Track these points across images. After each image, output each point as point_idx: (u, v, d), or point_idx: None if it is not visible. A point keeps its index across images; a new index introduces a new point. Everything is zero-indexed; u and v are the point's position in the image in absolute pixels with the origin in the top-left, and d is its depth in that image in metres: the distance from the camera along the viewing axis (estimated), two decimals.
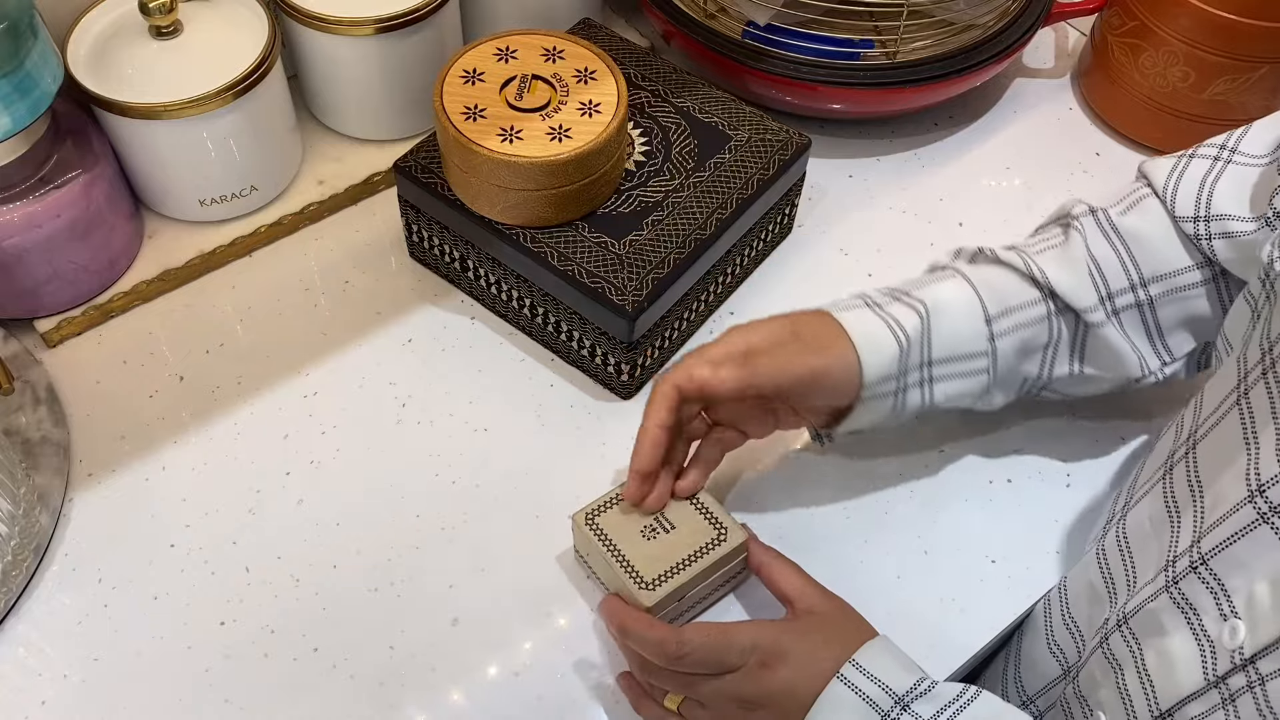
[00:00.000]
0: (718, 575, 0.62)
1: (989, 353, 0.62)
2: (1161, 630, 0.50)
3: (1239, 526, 0.46)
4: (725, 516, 0.62)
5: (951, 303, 0.62)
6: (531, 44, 0.70)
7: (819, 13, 0.81)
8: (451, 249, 0.74)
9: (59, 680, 0.61)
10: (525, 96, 0.68)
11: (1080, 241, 0.63)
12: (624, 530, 0.61)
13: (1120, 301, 0.62)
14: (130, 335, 0.75)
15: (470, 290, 0.77)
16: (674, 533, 0.61)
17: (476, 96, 0.67)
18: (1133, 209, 0.63)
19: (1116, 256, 0.62)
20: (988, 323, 0.62)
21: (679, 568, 0.60)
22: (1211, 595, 0.47)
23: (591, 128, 0.66)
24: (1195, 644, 0.48)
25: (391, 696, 0.61)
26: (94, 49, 0.72)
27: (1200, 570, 0.48)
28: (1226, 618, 0.46)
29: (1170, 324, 0.63)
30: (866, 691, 0.53)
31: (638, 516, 0.61)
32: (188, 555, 0.66)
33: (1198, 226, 0.60)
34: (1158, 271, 0.62)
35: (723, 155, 0.73)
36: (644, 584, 0.59)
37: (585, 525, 0.61)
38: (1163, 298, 0.62)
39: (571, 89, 0.68)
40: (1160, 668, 0.50)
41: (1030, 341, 0.63)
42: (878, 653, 0.54)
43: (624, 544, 0.61)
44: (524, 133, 0.66)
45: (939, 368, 0.62)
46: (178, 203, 0.77)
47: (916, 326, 0.61)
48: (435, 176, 0.71)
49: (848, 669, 0.53)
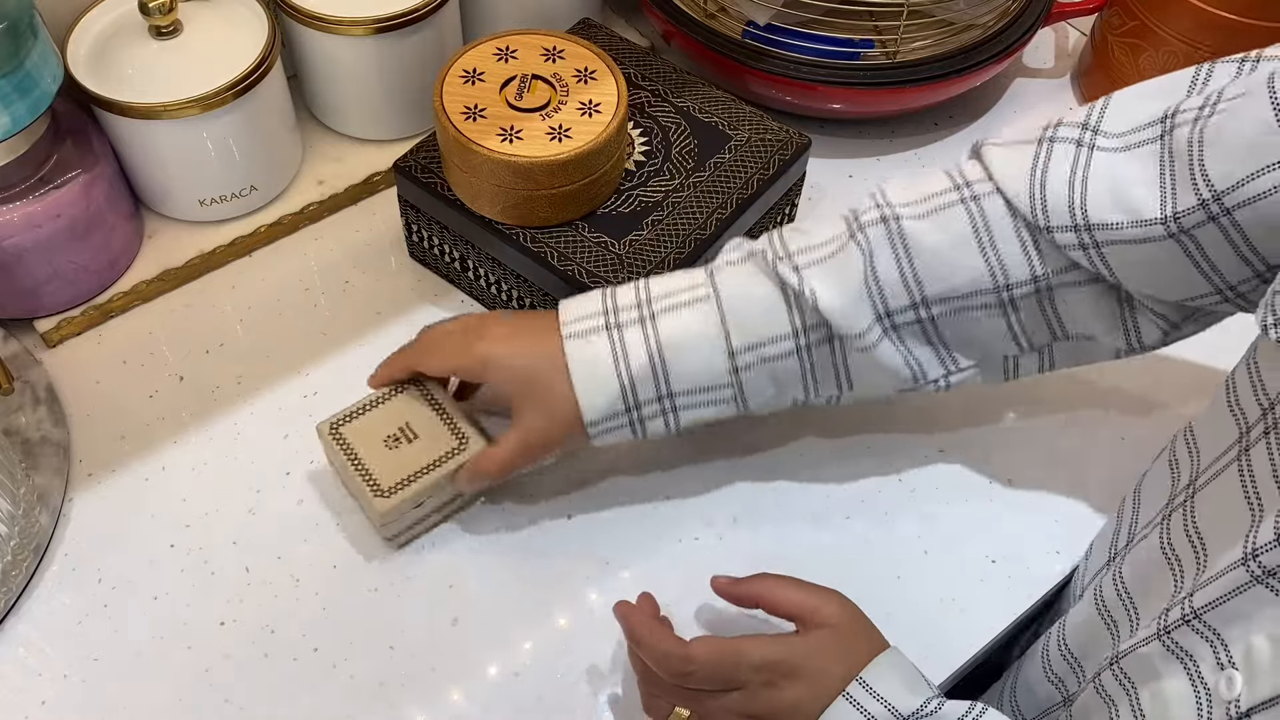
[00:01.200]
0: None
1: (733, 384, 0.60)
2: (1156, 674, 0.49)
3: (1234, 585, 0.45)
4: (468, 426, 0.64)
5: (690, 338, 0.59)
6: (531, 44, 0.70)
7: (819, 12, 0.81)
8: (451, 249, 0.74)
9: (59, 680, 0.61)
10: (525, 96, 0.68)
11: (860, 258, 0.58)
12: (367, 440, 0.63)
13: (900, 319, 0.59)
14: (130, 335, 0.75)
15: (470, 290, 0.77)
16: (416, 442, 0.63)
17: (476, 96, 0.67)
18: (931, 216, 0.58)
19: (899, 272, 0.58)
20: (730, 356, 0.60)
21: (416, 475, 0.62)
22: (1209, 645, 0.47)
23: (591, 128, 0.66)
24: (1191, 690, 0.47)
25: (391, 696, 0.61)
26: (94, 49, 0.72)
27: (1194, 623, 0.47)
28: (1224, 667, 0.46)
29: (957, 339, 0.60)
30: (872, 712, 0.52)
31: (383, 426, 0.64)
32: (188, 555, 0.66)
33: (1080, 236, 0.54)
34: (947, 292, 0.58)
35: (723, 155, 0.73)
36: (380, 491, 0.62)
37: (329, 435, 0.64)
38: (947, 316, 0.59)
39: (571, 89, 0.68)
40: (1155, 709, 0.49)
41: (782, 373, 0.60)
42: (885, 670, 0.53)
43: (365, 453, 0.63)
44: (524, 133, 0.66)
45: (681, 399, 0.60)
46: (178, 203, 0.77)
47: (644, 366, 0.59)
48: (435, 176, 0.71)
49: (854, 688, 0.52)
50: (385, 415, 0.65)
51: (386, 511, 0.62)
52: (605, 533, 0.67)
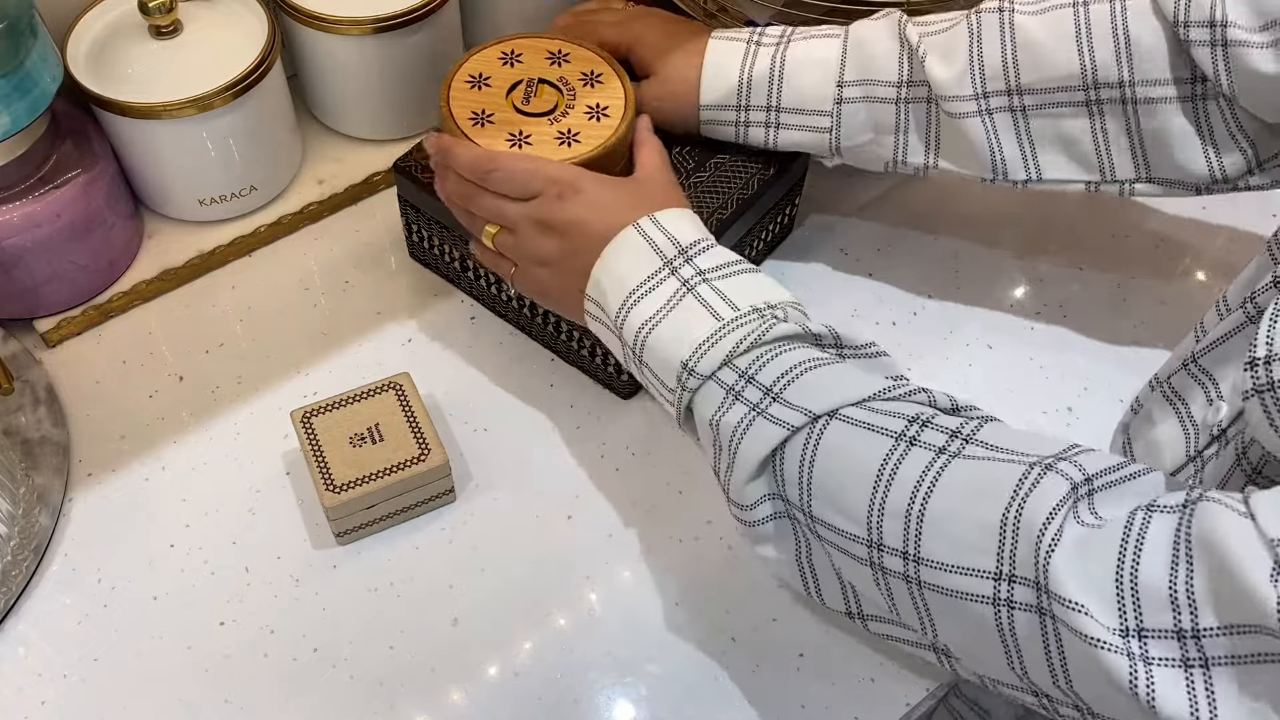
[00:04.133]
0: (415, 492, 0.65)
1: (833, 114, 0.67)
2: (1151, 423, 0.53)
3: (1232, 327, 0.50)
4: (435, 440, 0.65)
5: (809, 61, 0.67)
6: (536, 47, 0.70)
7: (819, 12, 0.81)
8: (451, 249, 0.74)
9: (59, 680, 0.61)
10: (532, 101, 0.67)
11: (967, 35, 0.64)
12: (334, 434, 0.65)
13: (994, 103, 0.64)
14: (130, 335, 0.75)
15: (470, 290, 0.77)
16: (380, 445, 0.65)
17: (484, 101, 0.67)
18: (1042, 14, 0.63)
19: (1001, 56, 0.64)
20: (839, 86, 0.67)
21: (371, 478, 0.63)
22: (1200, 387, 0.51)
23: (600, 131, 0.66)
24: (1180, 429, 0.51)
25: (391, 696, 0.61)
26: (93, 49, 0.72)
27: (1190, 367, 0.51)
28: (1212, 402, 0.50)
29: (1043, 139, 0.65)
30: (655, 240, 0.58)
31: (353, 424, 0.65)
32: (188, 555, 0.66)
33: (1213, 33, 0.59)
34: (1038, 82, 0.63)
35: (723, 155, 0.73)
36: (332, 487, 0.63)
37: (300, 424, 0.65)
38: (1036, 109, 0.64)
39: (578, 92, 0.68)
40: (1146, 455, 0.53)
41: (880, 116, 0.67)
42: (679, 216, 0.59)
43: (329, 447, 0.64)
44: (533, 138, 0.66)
45: (785, 114, 0.68)
46: (177, 203, 0.77)
47: (764, 73, 0.67)
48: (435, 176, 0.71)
49: (644, 220, 0.59)
50: (358, 413, 0.66)
51: (333, 507, 0.63)
52: (605, 533, 0.67)
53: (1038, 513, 0.43)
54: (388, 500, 0.65)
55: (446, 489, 0.67)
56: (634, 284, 0.57)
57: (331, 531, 0.66)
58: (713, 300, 0.56)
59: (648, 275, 0.57)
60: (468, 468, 0.69)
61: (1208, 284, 0.81)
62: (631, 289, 0.57)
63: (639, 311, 0.57)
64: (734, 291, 0.56)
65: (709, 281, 0.56)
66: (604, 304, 0.59)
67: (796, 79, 0.67)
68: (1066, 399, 0.73)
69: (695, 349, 0.54)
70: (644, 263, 0.58)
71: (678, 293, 0.56)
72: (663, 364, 0.56)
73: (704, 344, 0.54)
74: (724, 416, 0.53)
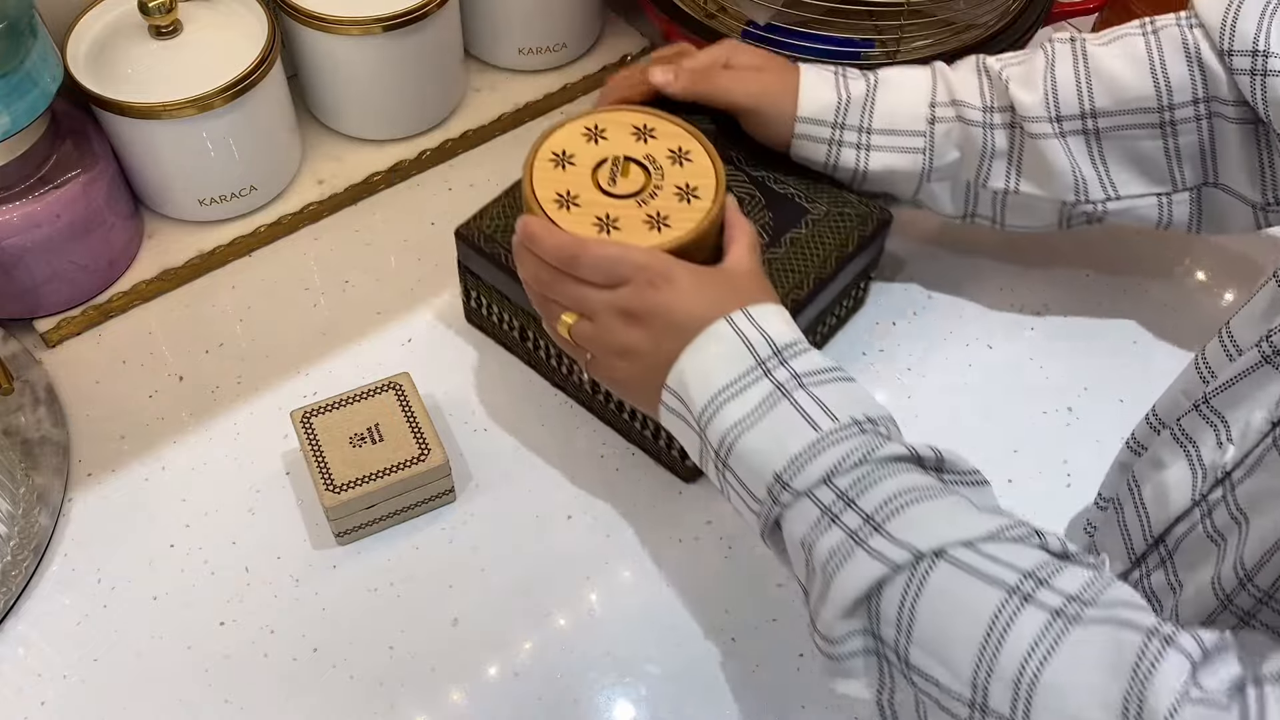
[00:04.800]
0: (415, 492, 0.65)
1: (926, 134, 0.68)
2: (1160, 465, 0.52)
3: (1246, 366, 0.49)
4: (435, 440, 0.65)
5: (902, 81, 0.68)
6: (621, 122, 0.65)
7: (819, 12, 0.81)
8: (511, 318, 0.72)
9: (59, 680, 0.61)
10: (619, 181, 0.63)
11: (1043, 61, 0.66)
12: (334, 434, 0.65)
13: (1069, 125, 0.66)
14: (130, 335, 0.75)
15: (528, 359, 0.74)
16: (380, 445, 0.65)
17: (568, 182, 0.62)
18: (1113, 43, 0.66)
19: (1075, 80, 0.65)
20: (931, 106, 0.67)
21: (371, 477, 0.63)
22: (1211, 428, 0.50)
23: (691, 215, 0.61)
24: (1189, 471, 0.50)
25: (391, 696, 0.61)
26: (93, 49, 0.72)
27: (1202, 408, 0.50)
28: (1222, 445, 0.49)
29: (1116, 158, 0.67)
30: (749, 336, 0.54)
31: (353, 424, 0.65)
32: (188, 555, 0.66)
33: (1254, 61, 0.60)
34: (1112, 105, 0.65)
35: (799, 230, 0.69)
36: (332, 487, 0.63)
37: (299, 424, 0.65)
38: (1111, 131, 0.66)
39: (667, 171, 0.63)
40: (1155, 498, 0.52)
41: (967, 139, 0.68)
42: (772, 312, 0.56)
43: (329, 447, 0.64)
44: (620, 221, 0.61)
45: (877, 136, 0.68)
46: (177, 202, 0.77)
47: (861, 91, 0.68)
48: (499, 246, 0.68)
49: (736, 313, 0.55)
50: (358, 413, 0.66)
51: (333, 507, 0.63)
52: (605, 533, 0.67)
53: (1161, 697, 0.41)
54: (388, 500, 0.65)
55: (446, 489, 0.67)
56: (723, 382, 0.54)
57: (331, 531, 0.66)
58: (810, 408, 0.52)
59: (739, 374, 0.54)
60: (468, 468, 0.69)
61: (1209, 285, 0.81)
62: (720, 387, 0.54)
63: (728, 413, 0.53)
64: (832, 400, 0.52)
65: (805, 387, 0.53)
66: (686, 399, 0.55)
67: (890, 99, 0.68)
68: (1067, 399, 0.73)
69: (791, 461, 0.51)
70: (735, 360, 0.54)
71: (771, 396, 0.53)
72: (752, 473, 0.52)
73: (801, 456, 0.50)
74: (819, 540, 0.49)
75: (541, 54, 0.88)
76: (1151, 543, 0.53)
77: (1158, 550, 0.52)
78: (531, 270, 0.60)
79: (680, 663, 0.63)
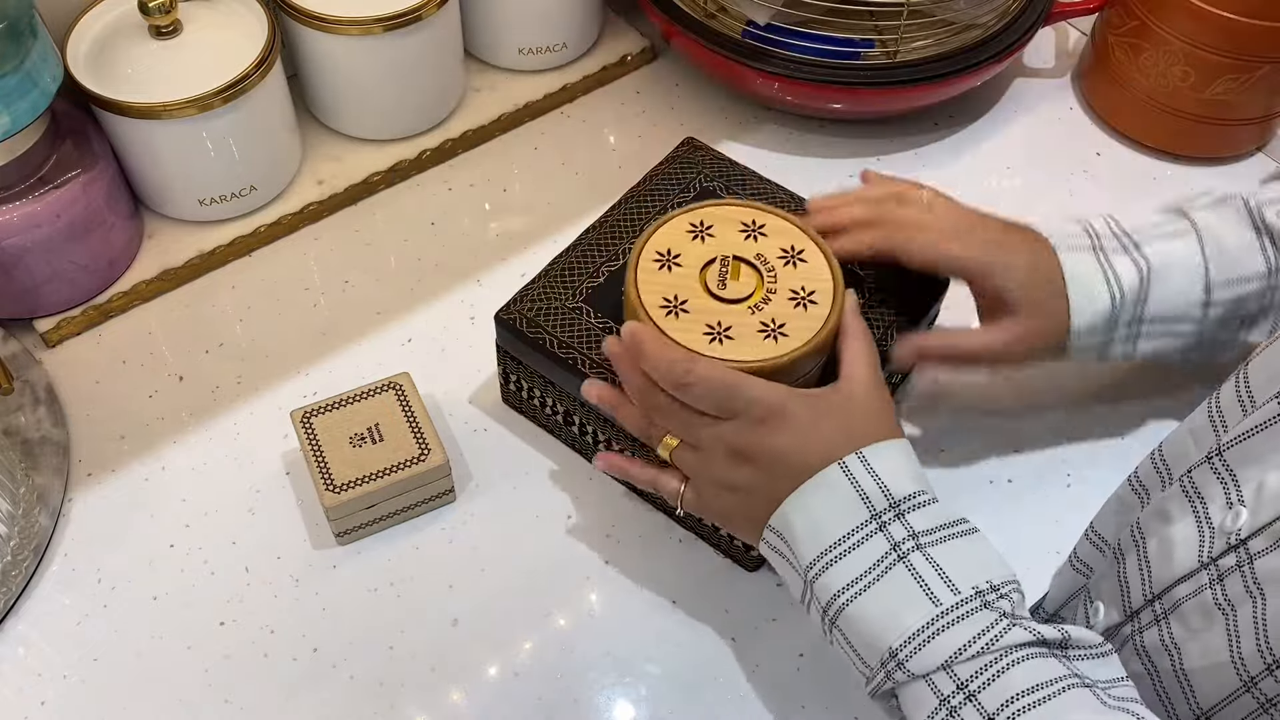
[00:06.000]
0: (415, 492, 0.65)
1: (1201, 319, 0.63)
2: (1167, 520, 0.49)
3: (1261, 420, 0.46)
4: (435, 440, 0.65)
5: (1175, 265, 0.63)
6: (728, 217, 0.61)
7: (819, 12, 0.81)
8: (555, 402, 0.68)
9: (59, 680, 0.61)
10: (729, 284, 0.59)
11: None
12: (334, 434, 0.65)
13: None
14: (130, 335, 0.75)
15: (572, 442, 0.70)
16: (380, 445, 0.64)
17: (675, 285, 0.58)
18: None
19: None
20: (1206, 290, 0.63)
21: (372, 477, 0.63)
22: (1221, 485, 0.47)
23: (808, 323, 0.57)
24: (1195, 529, 0.48)
25: (391, 696, 0.61)
26: (93, 49, 0.72)
27: (1214, 460, 0.47)
28: (1232, 505, 0.46)
29: None
30: (863, 486, 0.51)
31: (354, 424, 0.65)
32: (188, 555, 0.66)
33: None
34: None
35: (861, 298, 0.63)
36: (332, 487, 0.63)
37: (300, 424, 0.65)
38: None
39: (780, 274, 0.59)
40: (1159, 554, 0.49)
41: (1244, 313, 0.64)
42: (890, 454, 0.52)
43: (329, 446, 0.64)
44: (733, 330, 0.57)
45: (1148, 325, 0.64)
46: (177, 203, 0.77)
47: (1134, 285, 0.62)
48: (542, 331, 0.64)
49: (851, 459, 0.51)
50: (359, 413, 0.66)
51: (333, 507, 0.63)
52: (605, 533, 0.67)
53: None
54: (388, 500, 0.65)
55: (446, 489, 0.67)
56: (834, 536, 0.51)
57: (331, 531, 0.66)
58: (928, 576, 0.49)
59: (852, 528, 0.51)
60: (468, 468, 0.69)
61: None
62: (831, 542, 0.51)
63: (839, 572, 0.50)
64: (952, 565, 0.49)
65: (923, 549, 0.50)
66: (794, 547, 0.52)
67: (1163, 288, 0.63)
68: (1067, 399, 0.73)
69: (908, 639, 0.48)
70: (848, 512, 0.51)
71: (886, 558, 0.50)
72: (865, 641, 0.50)
73: (919, 634, 0.48)
74: None
75: (541, 54, 0.88)
76: (1149, 599, 0.50)
77: (1153, 607, 0.50)
78: (636, 384, 0.57)
79: (680, 663, 0.63)
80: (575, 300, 0.65)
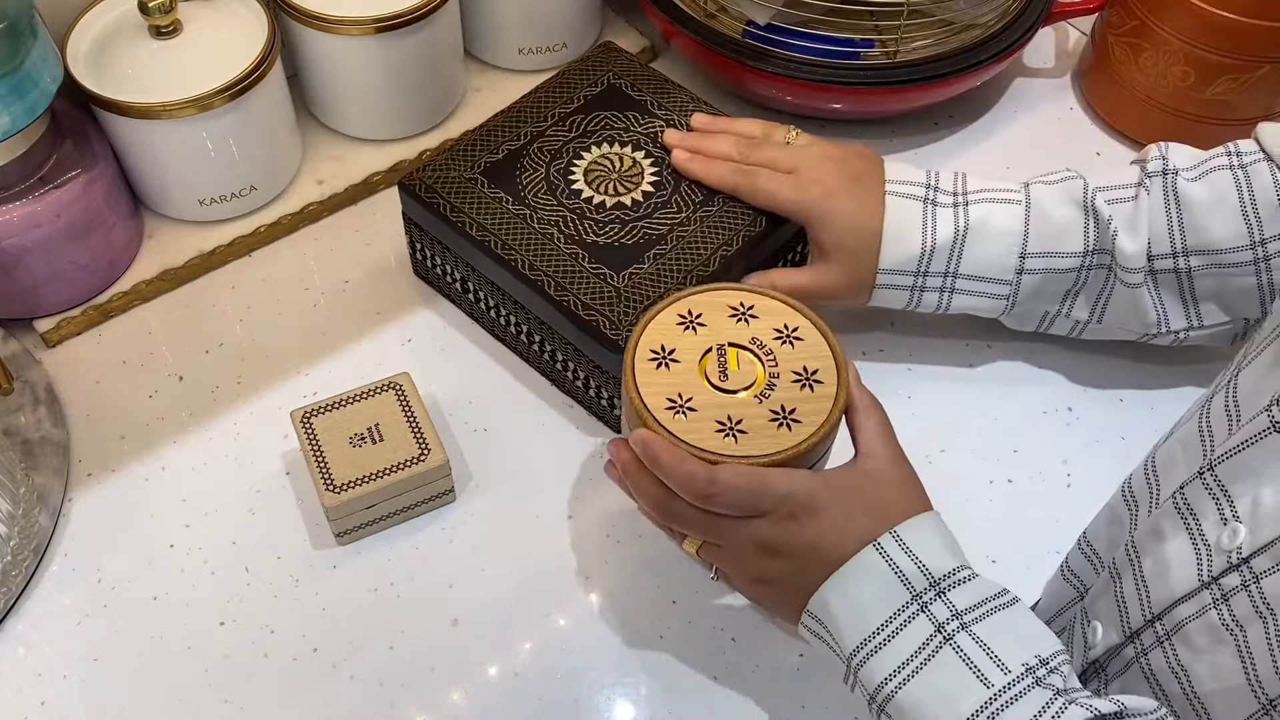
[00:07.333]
0: (415, 492, 0.65)
1: (1012, 283, 0.67)
2: (1161, 538, 0.49)
3: (1251, 434, 0.45)
4: (434, 439, 0.65)
5: (993, 229, 0.66)
6: (716, 303, 0.59)
7: (819, 12, 0.81)
8: (453, 269, 0.73)
9: (59, 680, 0.61)
10: (730, 374, 0.57)
11: (1146, 204, 0.65)
12: (334, 434, 0.65)
13: (1160, 265, 0.65)
14: (130, 335, 0.75)
15: (471, 312, 0.75)
16: (380, 444, 0.65)
17: (677, 383, 0.56)
18: (1203, 178, 0.65)
19: (1167, 222, 0.65)
20: (1021, 257, 0.66)
21: (372, 477, 0.63)
22: (1214, 501, 0.47)
23: (818, 405, 0.56)
24: (1191, 548, 0.47)
25: (391, 696, 0.61)
26: (93, 49, 0.72)
27: (1205, 476, 0.47)
28: (1226, 521, 0.46)
29: (1205, 294, 0.66)
30: (901, 567, 0.50)
31: (354, 424, 0.65)
32: (188, 555, 0.66)
33: None
34: (1205, 245, 0.64)
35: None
36: (332, 486, 0.63)
37: (299, 424, 0.65)
38: (1203, 270, 0.65)
39: (778, 355, 0.58)
40: (1156, 573, 0.49)
41: (1056, 287, 0.67)
42: (924, 530, 0.52)
43: (329, 446, 0.64)
44: (745, 423, 0.55)
45: (962, 280, 0.67)
46: (177, 202, 0.77)
47: (948, 240, 0.66)
48: (439, 197, 0.69)
49: (886, 539, 0.51)
50: (358, 413, 0.66)
51: (333, 507, 0.63)
52: (605, 533, 0.67)
53: None
54: (388, 500, 0.65)
55: (446, 489, 0.67)
56: (876, 622, 0.50)
57: (331, 531, 0.66)
58: (977, 656, 0.48)
59: (893, 612, 0.50)
60: (468, 468, 0.69)
61: None
62: (874, 628, 0.50)
63: (884, 659, 0.50)
64: (999, 642, 0.49)
65: (968, 628, 0.49)
66: (835, 635, 0.52)
67: (978, 247, 0.66)
68: (1067, 399, 0.73)
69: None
70: (888, 595, 0.50)
71: (931, 640, 0.49)
72: None
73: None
74: None
75: (541, 54, 0.88)
76: (1149, 619, 0.50)
77: (1154, 628, 0.49)
78: (654, 496, 0.55)
79: (680, 663, 0.63)
80: (473, 172, 0.71)
